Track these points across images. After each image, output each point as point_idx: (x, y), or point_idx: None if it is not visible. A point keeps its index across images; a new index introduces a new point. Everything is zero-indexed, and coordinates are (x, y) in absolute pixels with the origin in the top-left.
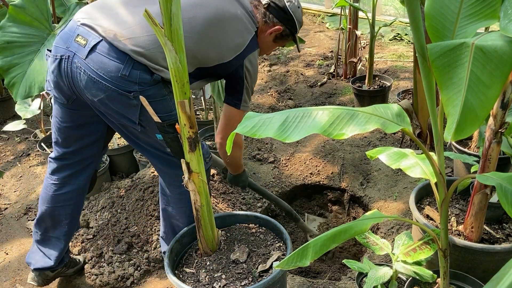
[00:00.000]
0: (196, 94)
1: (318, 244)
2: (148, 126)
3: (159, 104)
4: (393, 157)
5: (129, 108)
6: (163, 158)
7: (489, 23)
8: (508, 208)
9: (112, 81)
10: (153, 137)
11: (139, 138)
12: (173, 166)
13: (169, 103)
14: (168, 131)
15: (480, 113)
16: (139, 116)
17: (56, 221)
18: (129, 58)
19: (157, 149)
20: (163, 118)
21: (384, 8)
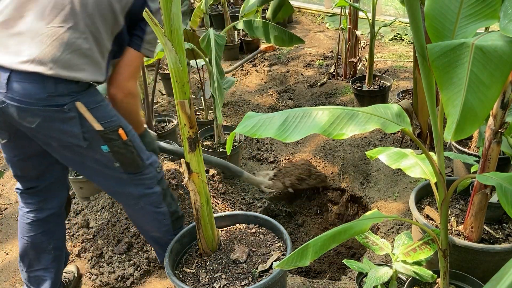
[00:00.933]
0: (196, 94)
1: (318, 244)
2: (92, 138)
3: (97, 111)
4: (393, 157)
5: (69, 123)
6: (113, 177)
7: (489, 23)
8: (508, 208)
9: (42, 103)
10: (99, 151)
11: (86, 157)
12: (123, 184)
13: (107, 109)
14: (112, 139)
15: (480, 113)
16: (81, 128)
17: (40, 250)
18: (47, 77)
19: (106, 166)
20: (104, 125)
21: (384, 8)
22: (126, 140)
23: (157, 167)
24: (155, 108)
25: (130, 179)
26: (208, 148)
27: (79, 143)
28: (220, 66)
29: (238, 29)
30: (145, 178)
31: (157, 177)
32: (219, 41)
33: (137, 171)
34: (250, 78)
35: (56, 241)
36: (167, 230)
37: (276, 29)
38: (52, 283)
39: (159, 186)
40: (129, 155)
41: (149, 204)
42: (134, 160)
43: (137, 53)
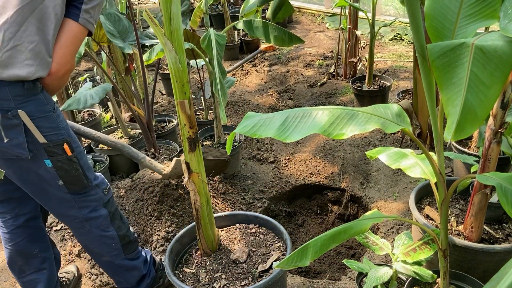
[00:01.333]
0: (196, 94)
1: (318, 244)
2: (36, 149)
3: (42, 121)
4: (393, 157)
5: (12, 130)
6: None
7: (489, 23)
8: (508, 208)
9: None
10: (42, 165)
11: (30, 172)
12: (67, 205)
13: (55, 120)
14: (56, 153)
15: (480, 113)
16: (26, 137)
17: (27, 255)
18: None
19: (49, 183)
20: (48, 137)
21: (384, 8)
22: (71, 156)
23: (104, 188)
24: (155, 108)
25: (74, 200)
26: (208, 148)
27: (23, 154)
28: (222, 66)
29: (238, 29)
30: (90, 199)
31: (104, 199)
32: (220, 41)
33: (82, 191)
34: (250, 78)
35: (41, 243)
36: (117, 255)
37: (276, 29)
38: (47, 284)
39: (105, 208)
40: (73, 173)
41: (95, 228)
42: (78, 178)
43: (76, 24)
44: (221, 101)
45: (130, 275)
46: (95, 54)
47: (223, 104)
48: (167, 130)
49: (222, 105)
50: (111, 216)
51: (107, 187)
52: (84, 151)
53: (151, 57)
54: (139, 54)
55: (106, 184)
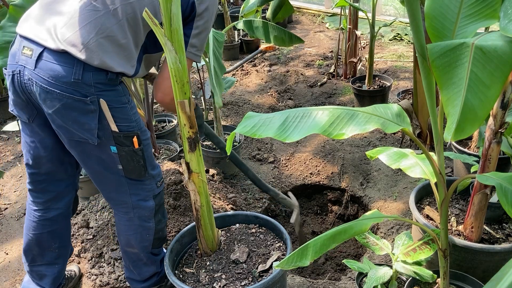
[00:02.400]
0: (196, 94)
1: (318, 244)
2: (105, 136)
3: (118, 112)
4: (393, 157)
5: (87, 115)
6: (112, 180)
7: (489, 23)
8: (508, 208)
9: (66, 88)
10: (107, 151)
11: (92, 156)
12: (121, 190)
13: (129, 113)
14: (123, 143)
15: (480, 113)
16: (98, 124)
17: (45, 248)
18: (77, 60)
19: (107, 167)
20: (120, 128)
21: (384, 8)
22: (137, 149)
23: (158, 181)
24: (155, 108)
25: (128, 185)
26: (208, 148)
27: (91, 139)
28: (220, 61)
29: (238, 29)
30: (143, 188)
31: (155, 191)
32: (218, 38)
33: (138, 178)
34: (250, 78)
35: (62, 240)
36: (146, 246)
37: (276, 29)
38: (54, 279)
39: (154, 200)
40: (135, 163)
41: (138, 217)
42: (137, 169)
43: None
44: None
45: (146, 269)
46: None
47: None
48: (167, 130)
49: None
50: (156, 209)
51: (161, 180)
52: (150, 143)
53: None
54: None
55: (161, 177)
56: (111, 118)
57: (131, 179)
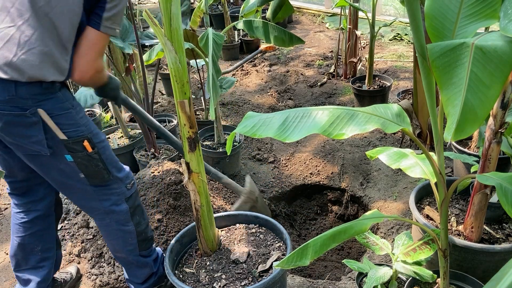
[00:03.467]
0: (196, 94)
1: (318, 243)
2: (56, 146)
3: (62, 119)
4: (393, 157)
5: (32, 128)
6: (79, 189)
7: (489, 23)
8: (508, 208)
9: (4, 106)
10: (63, 160)
11: (51, 167)
12: (89, 198)
13: (75, 117)
14: (75, 149)
15: (480, 113)
16: (45, 134)
17: (28, 251)
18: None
19: (70, 177)
20: (68, 134)
21: (384, 8)
22: (91, 152)
23: (128, 183)
24: (155, 108)
25: (95, 193)
26: (208, 148)
27: (42, 151)
28: (217, 65)
29: (238, 29)
30: (112, 193)
31: (126, 194)
32: (217, 40)
33: (103, 184)
34: (250, 78)
35: (45, 242)
36: (132, 250)
37: (276, 29)
38: (39, 283)
39: (127, 203)
40: (93, 168)
41: (115, 222)
42: (99, 173)
43: (97, 32)
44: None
45: (140, 272)
46: None
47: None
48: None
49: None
50: (132, 212)
51: (131, 181)
52: (108, 145)
53: (151, 57)
54: (139, 54)
55: (131, 179)
56: (55, 127)
57: (96, 186)
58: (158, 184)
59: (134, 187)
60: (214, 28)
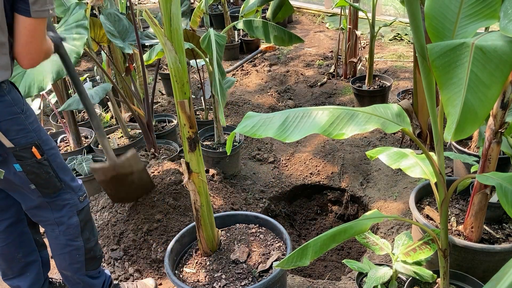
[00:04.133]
0: (196, 94)
1: (318, 243)
2: (6, 153)
3: (10, 124)
4: (393, 157)
5: None
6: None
7: (489, 23)
8: (508, 208)
9: None
10: (12, 170)
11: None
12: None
13: (24, 122)
14: (23, 157)
15: (480, 113)
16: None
17: (9, 260)
18: None
19: (22, 187)
20: (16, 141)
21: (384, 8)
22: (40, 159)
23: (80, 196)
24: (155, 108)
25: (47, 203)
26: (208, 148)
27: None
28: (221, 67)
29: (238, 29)
30: (64, 204)
31: (78, 206)
32: (219, 41)
33: (56, 193)
34: (250, 78)
35: (25, 248)
36: (78, 268)
37: (276, 29)
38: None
39: (77, 216)
40: (44, 176)
41: (64, 235)
42: (50, 181)
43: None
44: (220, 102)
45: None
46: (95, 54)
47: (222, 105)
48: (167, 130)
49: (221, 107)
50: (82, 226)
51: (84, 194)
52: (58, 153)
53: (151, 57)
54: (139, 54)
55: (84, 192)
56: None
57: (48, 196)
58: (158, 184)
59: (87, 201)
60: (214, 28)
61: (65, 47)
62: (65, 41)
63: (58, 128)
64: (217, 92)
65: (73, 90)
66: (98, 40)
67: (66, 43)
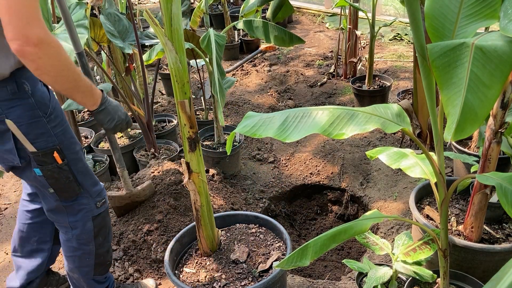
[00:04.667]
0: (196, 94)
1: (318, 244)
2: (28, 157)
3: (32, 128)
4: (393, 157)
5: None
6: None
7: (489, 23)
8: (508, 208)
9: None
10: (32, 174)
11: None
12: (57, 211)
13: (46, 126)
14: (45, 162)
15: (480, 113)
16: (15, 145)
17: (24, 239)
18: None
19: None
20: (38, 145)
21: (384, 8)
22: (61, 164)
23: (99, 201)
24: (155, 108)
25: (64, 207)
26: (208, 148)
27: (15, 160)
28: (221, 67)
29: (238, 29)
30: (80, 209)
31: (94, 212)
32: (219, 41)
33: (73, 198)
34: (250, 78)
35: (42, 235)
36: (87, 272)
37: (276, 29)
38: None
39: (92, 222)
40: (63, 180)
41: (76, 239)
42: (70, 186)
43: None
44: (219, 102)
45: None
46: (95, 54)
47: (221, 105)
48: (167, 130)
49: (220, 107)
50: (96, 231)
51: (102, 200)
52: (81, 157)
53: (151, 57)
54: (139, 54)
55: (102, 197)
56: (23, 138)
57: (66, 201)
58: (158, 184)
59: (105, 207)
60: (214, 28)
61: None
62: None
63: None
64: (217, 92)
65: None
66: (98, 40)
67: (66, 43)
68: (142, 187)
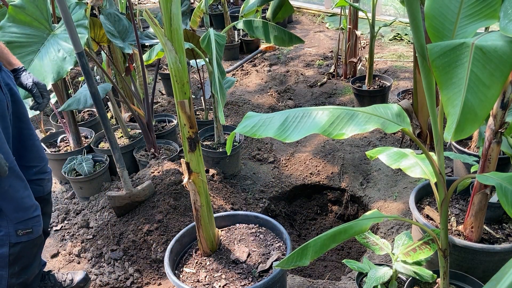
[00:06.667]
0: (196, 94)
1: (318, 243)
2: None
3: None
4: (393, 157)
5: None
6: None
7: (489, 23)
8: (508, 208)
9: None
10: None
11: None
12: None
13: None
14: None
15: (480, 113)
16: None
17: None
18: None
19: None
20: None
21: (384, 8)
22: None
23: (21, 230)
24: (155, 108)
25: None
26: (208, 148)
27: None
28: (221, 66)
29: (238, 29)
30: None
31: (12, 239)
32: (219, 41)
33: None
34: (250, 78)
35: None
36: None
37: (276, 29)
38: None
39: (9, 248)
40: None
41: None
42: None
43: None
44: (219, 101)
45: None
46: (95, 54)
47: (221, 104)
48: (167, 130)
49: (220, 106)
50: (11, 259)
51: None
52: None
53: (151, 57)
54: (139, 54)
55: (29, 228)
56: None
57: None
58: (158, 184)
59: (29, 237)
60: (214, 28)
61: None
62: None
63: (58, 128)
64: (217, 91)
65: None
66: (98, 40)
67: (66, 43)
68: (142, 187)
